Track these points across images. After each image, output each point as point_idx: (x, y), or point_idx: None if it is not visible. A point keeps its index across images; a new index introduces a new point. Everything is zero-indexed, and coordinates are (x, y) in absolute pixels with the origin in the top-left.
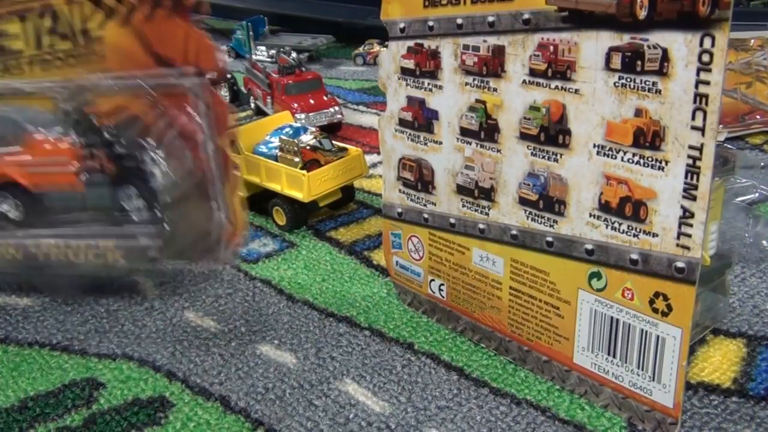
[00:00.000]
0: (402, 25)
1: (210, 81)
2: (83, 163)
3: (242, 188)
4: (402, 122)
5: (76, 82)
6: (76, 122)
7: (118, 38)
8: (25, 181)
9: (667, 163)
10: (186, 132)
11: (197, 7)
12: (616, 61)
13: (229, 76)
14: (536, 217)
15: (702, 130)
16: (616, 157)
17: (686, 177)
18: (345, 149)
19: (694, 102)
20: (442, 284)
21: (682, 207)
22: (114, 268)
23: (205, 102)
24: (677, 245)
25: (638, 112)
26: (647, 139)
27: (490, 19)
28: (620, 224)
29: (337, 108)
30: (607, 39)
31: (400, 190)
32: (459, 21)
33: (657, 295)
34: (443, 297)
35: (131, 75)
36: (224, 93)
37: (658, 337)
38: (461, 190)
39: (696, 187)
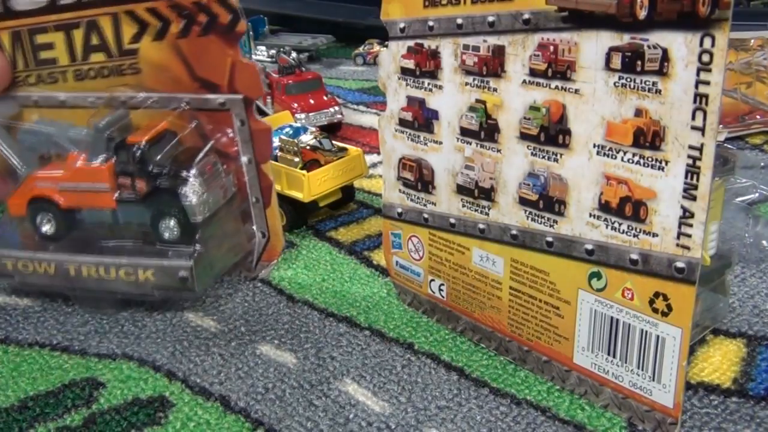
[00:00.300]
0: (402, 25)
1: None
2: (116, 181)
3: None
4: (402, 122)
5: (112, 95)
6: (110, 140)
7: (154, 54)
8: (60, 200)
9: (667, 163)
10: (225, 152)
11: (234, 26)
12: (616, 61)
13: None
14: (536, 217)
15: (702, 130)
16: (616, 157)
17: (686, 177)
18: (345, 149)
19: (694, 102)
20: (442, 284)
21: (682, 207)
22: (145, 287)
23: (244, 125)
24: (677, 245)
25: (638, 112)
26: (647, 139)
27: (490, 19)
28: (620, 224)
29: (337, 108)
30: (607, 39)
31: (400, 190)
32: (459, 21)
33: (657, 295)
34: (443, 297)
35: (168, 92)
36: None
37: (658, 337)
38: (461, 190)
39: (696, 187)
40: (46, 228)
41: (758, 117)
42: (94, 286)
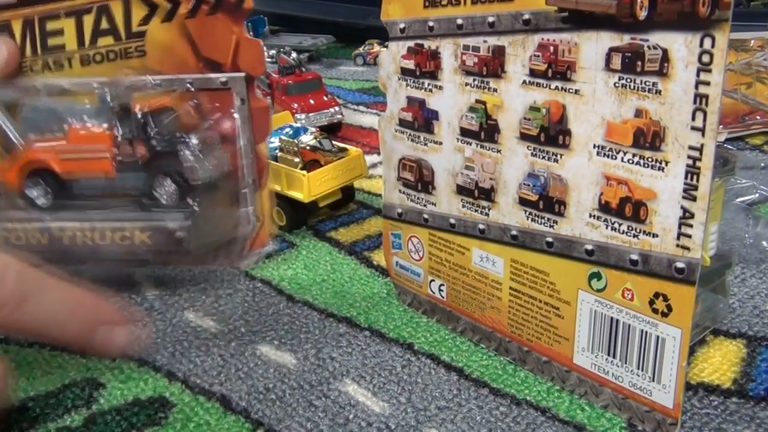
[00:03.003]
0: (402, 26)
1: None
2: (118, 149)
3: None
4: (402, 122)
5: (115, 79)
6: (112, 109)
7: (161, 36)
8: (59, 168)
9: (667, 163)
10: (224, 131)
11: (242, 2)
12: (616, 62)
13: None
14: (536, 218)
15: (702, 130)
16: (616, 158)
17: (686, 177)
18: (345, 149)
19: (694, 102)
20: (442, 284)
21: (682, 207)
22: (140, 252)
23: (244, 103)
24: (677, 246)
25: (638, 113)
26: (647, 139)
27: (490, 19)
28: (620, 225)
29: (337, 108)
30: (607, 39)
31: (400, 191)
32: (459, 21)
33: (657, 295)
34: (443, 297)
35: (172, 73)
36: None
37: (657, 337)
38: (461, 190)
39: (696, 188)
40: (38, 197)
41: (758, 117)
42: (88, 253)
